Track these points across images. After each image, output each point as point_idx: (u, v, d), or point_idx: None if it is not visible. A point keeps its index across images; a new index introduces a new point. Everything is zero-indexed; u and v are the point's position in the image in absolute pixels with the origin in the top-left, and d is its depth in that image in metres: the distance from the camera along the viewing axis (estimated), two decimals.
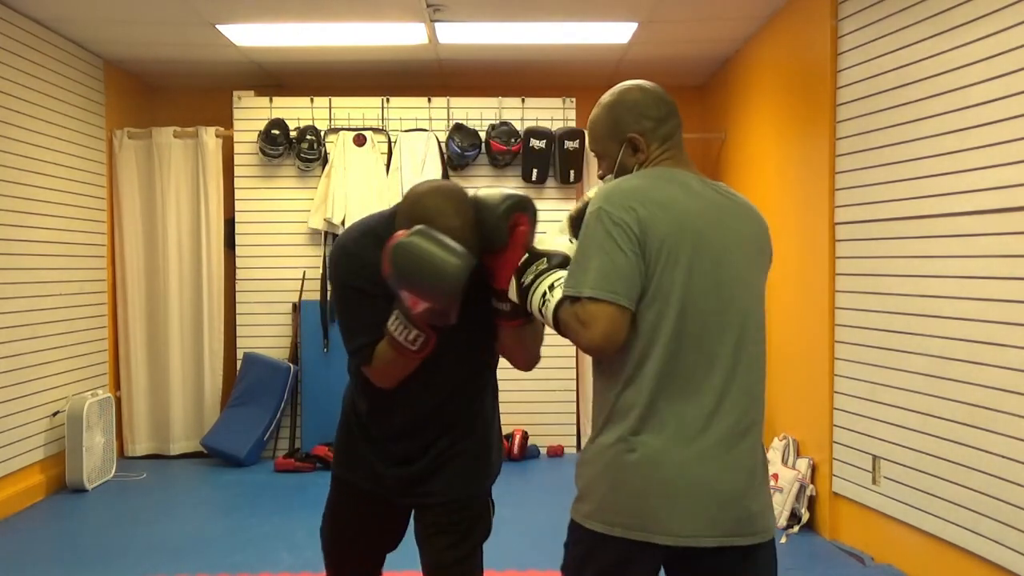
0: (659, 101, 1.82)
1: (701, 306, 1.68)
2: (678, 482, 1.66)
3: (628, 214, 1.65)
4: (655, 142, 1.80)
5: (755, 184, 5.44)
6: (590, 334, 1.65)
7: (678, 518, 1.66)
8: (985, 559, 3.18)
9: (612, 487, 1.70)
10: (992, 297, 3.15)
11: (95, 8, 4.75)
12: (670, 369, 1.67)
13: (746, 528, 1.69)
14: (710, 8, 4.89)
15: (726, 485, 1.68)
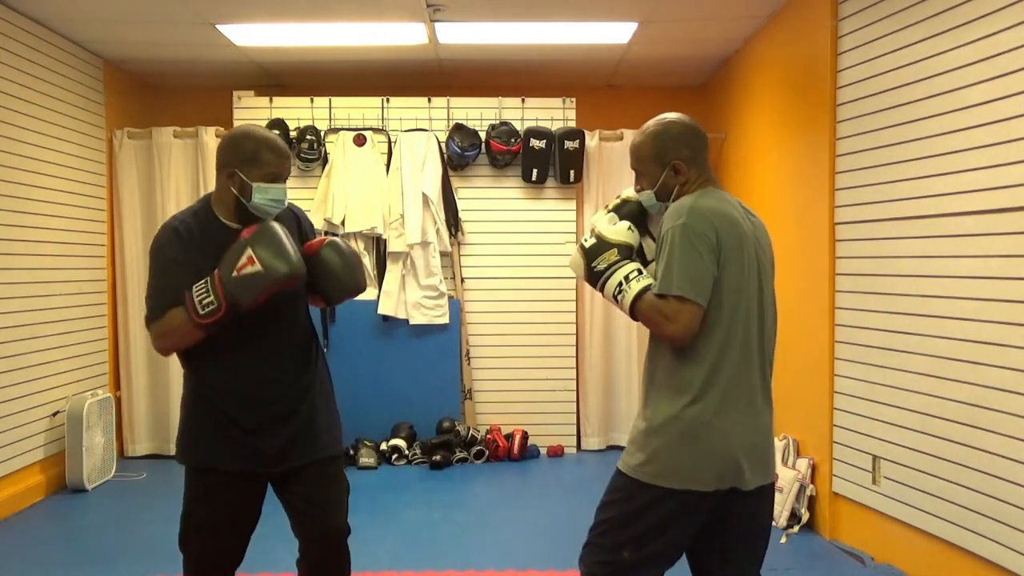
0: (697, 134, 2.22)
1: (749, 306, 2.10)
2: (743, 445, 2.10)
3: (709, 229, 2.05)
4: (694, 168, 2.18)
5: (755, 184, 5.44)
6: (674, 327, 2.03)
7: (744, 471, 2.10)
8: (985, 559, 3.18)
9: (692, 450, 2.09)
10: (992, 297, 3.15)
11: (95, 8, 4.76)
12: (733, 356, 2.07)
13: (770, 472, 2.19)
14: (710, 8, 4.89)
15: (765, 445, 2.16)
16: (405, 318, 5.77)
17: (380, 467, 5.56)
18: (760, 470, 2.14)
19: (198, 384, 2.40)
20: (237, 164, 2.32)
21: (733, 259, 2.06)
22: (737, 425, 2.09)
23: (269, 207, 2.34)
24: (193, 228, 2.36)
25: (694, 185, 2.18)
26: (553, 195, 5.94)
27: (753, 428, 2.12)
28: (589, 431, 6.04)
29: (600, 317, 6.02)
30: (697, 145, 2.20)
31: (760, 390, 2.14)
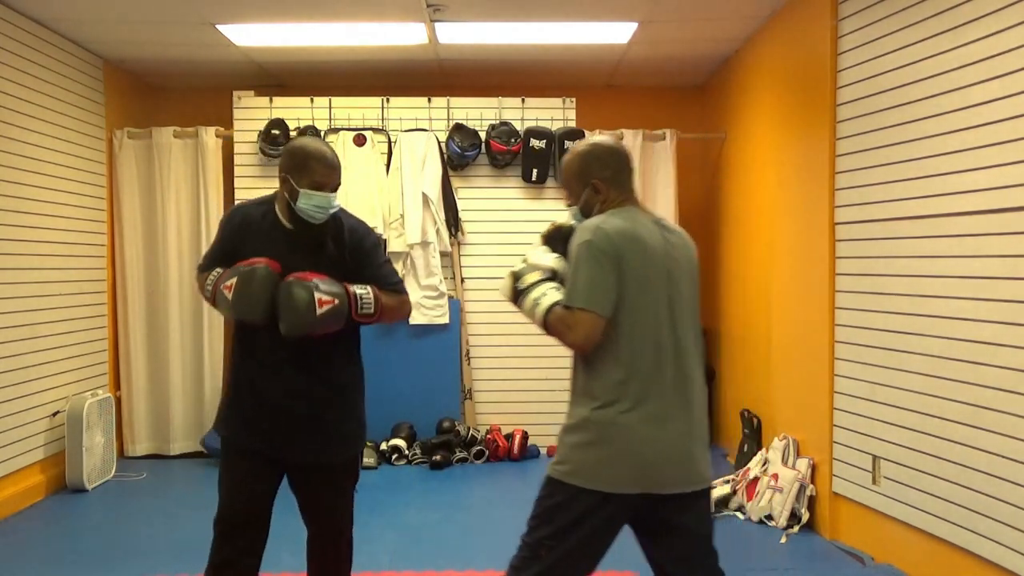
0: (618, 156, 2.34)
1: (658, 316, 2.20)
2: (652, 451, 2.19)
3: (609, 246, 2.16)
4: (613, 188, 2.31)
5: (755, 184, 5.44)
6: (574, 335, 2.18)
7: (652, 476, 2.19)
8: (985, 559, 3.18)
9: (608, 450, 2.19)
10: (992, 297, 3.15)
11: (95, 8, 4.76)
12: (643, 363, 2.17)
13: (694, 479, 2.24)
14: (710, 8, 4.89)
15: (682, 452, 2.22)
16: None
17: (380, 467, 5.56)
18: (679, 476, 2.21)
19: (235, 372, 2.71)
20: (289, 170, 2.56)
21: (637, 273, 2.17)
22: (647, 430, 2.17)
23: (314, 212, 2.54)
24: (253, 216, 2.65)
25: (613, 204, 2.30)
26: (553, 195, 5.94)
27: (665, 434, 2.19)
28: None
29: None
30: (617, 166, 2.32)
31: (676, 397, 2.22)
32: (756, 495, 4.48)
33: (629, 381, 2.17)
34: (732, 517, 4.51)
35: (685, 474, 2.22)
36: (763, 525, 4.35)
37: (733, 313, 5.96)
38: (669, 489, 2.19)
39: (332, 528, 2.71)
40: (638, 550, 4.12)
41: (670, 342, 2.21)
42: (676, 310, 2.23)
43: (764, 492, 4.43)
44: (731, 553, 4.03)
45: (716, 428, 6.36)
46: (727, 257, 6.10)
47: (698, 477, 2.25)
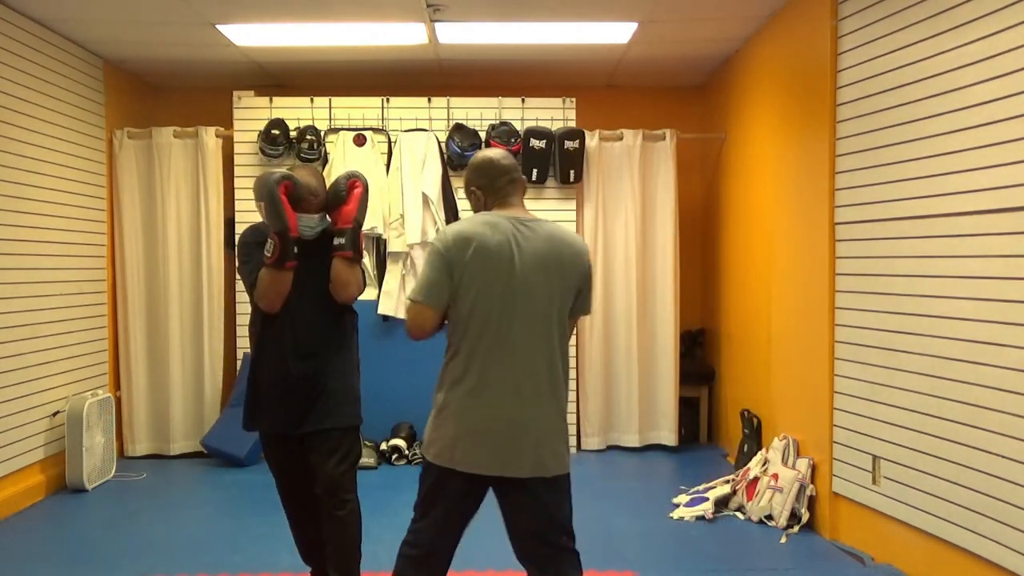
0: (492, 165, 2.55)
1: (491, 307, 2.40)
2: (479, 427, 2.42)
3: (445, 247, 2.42)
4: (489, 195, 2.54)
5: (755, 184, 5.44)
6: (408, 323, 2.50)
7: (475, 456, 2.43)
8: (985, 559, 3.19)
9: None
10: (992, 297, 3.15)
11: (95, 8, 4.76)
12: (474, 350, 2.41)
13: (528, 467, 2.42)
14: (710, 8, 4.89)
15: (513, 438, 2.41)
16: (405, 318, 5.76)
17: (380, 467, 5.56)
18: (508, 461, 2.41)
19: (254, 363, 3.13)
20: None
21: (473, 272, 2.39)
22: (475, 414, 2.41)
23: (303, 231, 3.00)
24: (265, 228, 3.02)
25: (491, 209, 2.55)
26: (553, 195, 5.94)
27: (496, 419, 2.41)
28: (589, 431, 6.04)
29: (600, 317, 6.02)
30: (491, 175, 2.54)
31: (515, 386, 2.41)
32: (756, 495, 4.48)
33: (467, 369, 2.42)
34: (732, 517, 4.51)
35: (516, 461, 2.41)
36: (763, 525, 4.35)
37: (733, 313, 5.97)
38: (495, 472, 2.41)
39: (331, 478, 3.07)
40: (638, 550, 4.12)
41: (509, 331, 2.40)
42: (518, 302, 2.40)
43: (764, 492, 4.43)
44: (731, 553, 4.05)
45: (716, 428, 6.36)
46: (727, 257, 6.10)
47: (532, 464, 2.42)
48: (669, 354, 6.02)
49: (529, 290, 2.42)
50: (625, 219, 6.02)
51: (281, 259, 2.88)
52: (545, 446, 2.45)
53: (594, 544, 4.06)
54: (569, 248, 2.52)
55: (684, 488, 4.91)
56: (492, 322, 2.40)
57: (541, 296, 2.44)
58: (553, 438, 2.48)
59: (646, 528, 4.35)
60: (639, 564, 3.79)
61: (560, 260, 2.48)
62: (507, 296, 2.40)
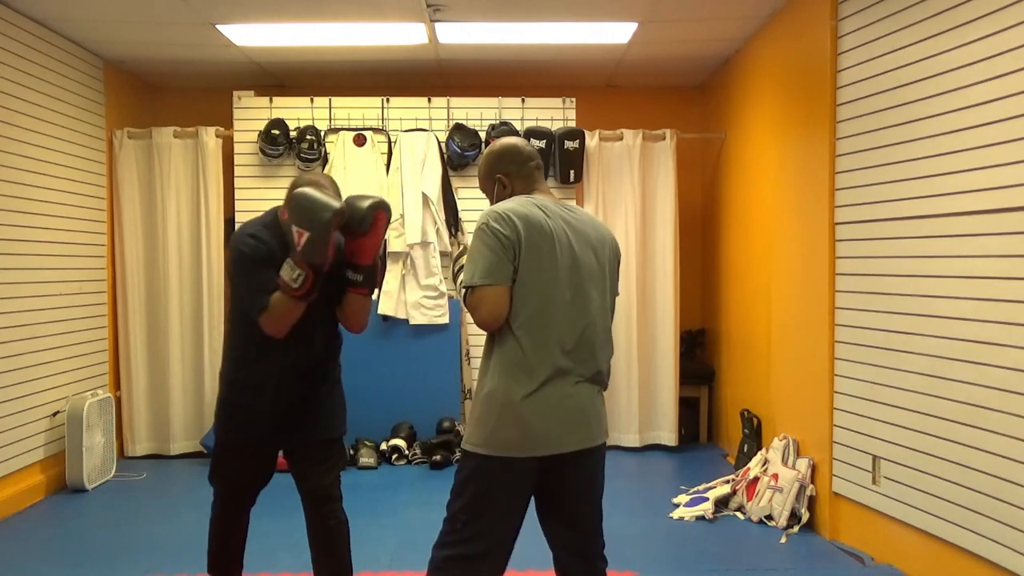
0: (519, 152, 2.50)
1: (557, 288, 2.31)
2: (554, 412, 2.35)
3: (503, 226, 2.28)
4: (517, 181, 2.47)
5: (755, 184, 5.44)
6: (477, 315, 2.29)
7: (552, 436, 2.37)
8: (985, 559, 3.18)
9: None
10: (992, 297, 3.15)
11: (95, 8, 4.76)
12: (540, 341, 2.29)
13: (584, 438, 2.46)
14: (710, 8, 4.89)
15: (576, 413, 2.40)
16: (405, 318, 5.77)
17: (380, 467, 5.56)
18: (573, 437, 2.41)
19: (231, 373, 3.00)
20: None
21: (531, 251, 2.28)
22: (539, 401, 2.31)
23: None
24: (272, 241, 2.80)
25: (518, 196, 2.44)
26: (553, 195, 5.93)
27: (561, 405, 2.35)
28: None
29: None
30: (518, 160, 2.48)
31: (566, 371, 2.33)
32: (756, 495, 4.48)
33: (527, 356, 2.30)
34: (732, 517, 4.51)
35: (576, 434, 2.43)
36: (763, 525, 4.35)
37: (733, 313, 5.96)
38: (559, 449, 2.37)
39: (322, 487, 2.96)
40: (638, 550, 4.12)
41: (574, 315, 2.34)
42: (579, 282, 2.35)
43: (764, 492, 4.43)
44: (731, 553, 4.05)
45: (716, 428, 6.36)
46: (727, 257, 6.10)
47: (588, 436, 2.49)
48: (669, 354, 6.02)
49: (588, 270, 2.38)
50: (625, 219, 6.02)
51: (310, 294, 2.67)
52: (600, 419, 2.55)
53: None
54: (607, 230, 2.54)
55: (684, 488, 4.91)
56: (556, 306, 2.31)
57: (599, 275, 2.42)
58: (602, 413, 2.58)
59: (646, 528, 4.35)
60: (639, 564, 3.79)
61: (603, 241, 2.47)
62: (569, 277, 2.33)
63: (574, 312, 2.33)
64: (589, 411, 2.44)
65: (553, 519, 2.49)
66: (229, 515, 3.07)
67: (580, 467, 2.46)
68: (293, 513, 4.54)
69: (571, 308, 2.33)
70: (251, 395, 2.90)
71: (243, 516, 3.12)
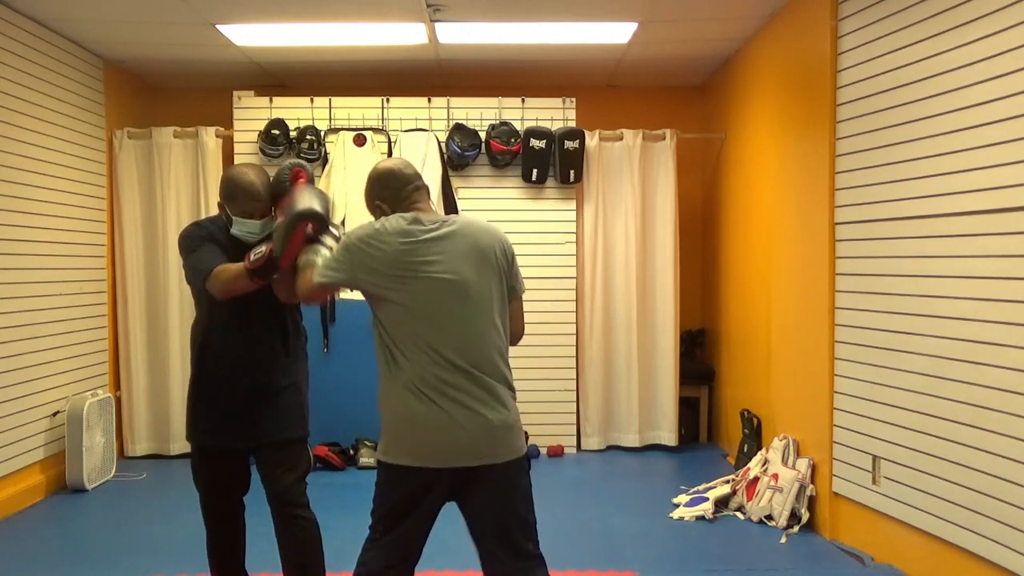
0: (393, 176, 2.55)
1: (425, 300, 2.36)
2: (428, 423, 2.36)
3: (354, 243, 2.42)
4: (394, 203, 2.52)
5: (755, 184, 5.44)
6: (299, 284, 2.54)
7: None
8: (985, 559, 3.18)
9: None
10: (992, 297, 3.15)
11: (95, 8, 4.76)
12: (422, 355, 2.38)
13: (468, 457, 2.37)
14: (710, 8, 4.89)
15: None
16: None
17: None
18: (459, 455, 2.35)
19: (197, 375, 2.98)
20: (223, 198, 2.91)
21: (379, 267, 2.38)
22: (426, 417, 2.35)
23: (245, 237, 2.85)
24: (211, 230, 2.93)
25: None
26: (553, 195, 5.94)
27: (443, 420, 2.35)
28: (589, 431, 6.04)
29: (600, 317, 6.02)
30: (395, 186, 2.53)
31: (452, 384, 2.33)
32: (756, 495, 4.48)
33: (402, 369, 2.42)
34: (732, 517, 4.51)
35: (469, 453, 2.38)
36: (763, 525, 4.35)
37: (733, 313, 5.96)
38: (450, 464, 2.37)
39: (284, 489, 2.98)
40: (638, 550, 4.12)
41: (448, 321, 2.37)
42: (444, 290, 2.37)
43: (764, 492, 4.43)
44: (731, 553, 4.05)
45: (716, 428, 6.36)
46: (727, 257, 6.10)
47: (474, 455, 2.38)
48: (669, 354, 6.02)
49: (462, 280, 2.38)
50: (625, 219, 6.02)
51: (259, 272, 2.67)
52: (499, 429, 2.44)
53: (594, 544, 4.07)
54: (490, 236, 2.49)
55: (684, 488, 4.91)
56: (429, 315, 2.36)
57: (472, 285, 2.39)
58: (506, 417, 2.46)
59: (646, 528, 4.35)
60: (639, 564, 3.79)
61: (485, 247, 2.45)
62: (442, 287, 2.36)
63: (454, 324, 2.36)
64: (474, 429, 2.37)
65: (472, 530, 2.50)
66: (212, 524, 3.07)
67: (479, 482, 2.40)
68: None
69: (451, 328, 2.36)
70: (203, 392, 2.95)
71: (229, 527, 3.10)
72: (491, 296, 2.43)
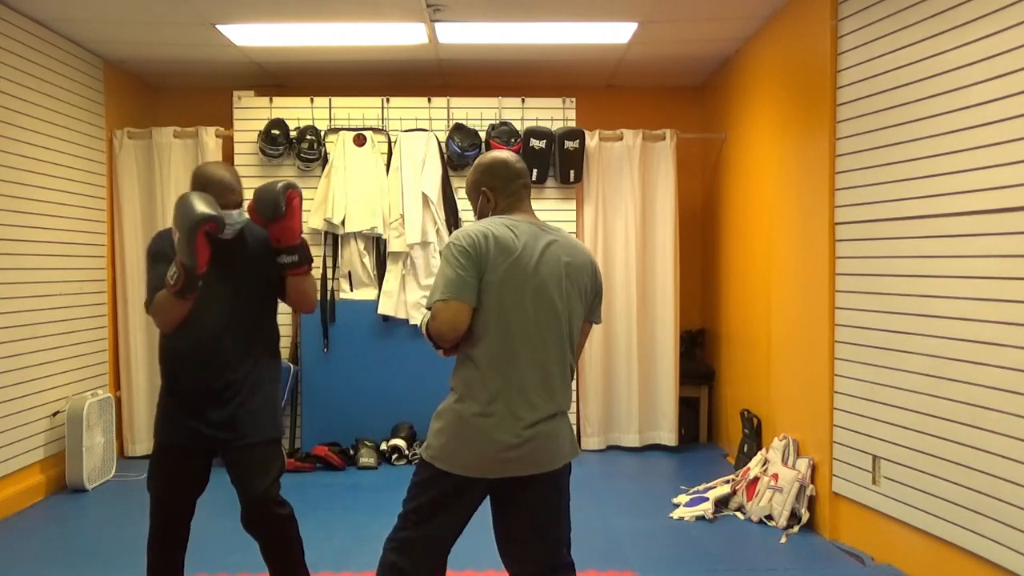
0: (506, 167, 2.50)
1: (513, 309, 2.33)
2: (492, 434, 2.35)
3: (469, 244, 2.33)
4: (501, 196, 2.48)
5: (755, 184, 5.44)
6: (435, 323, 2.30)
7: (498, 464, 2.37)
8: (985, 559, 3.19)
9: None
10: (992, 297, 3.15)
11: (95, 8, 4.76)
12: (504, 366, 2.34)
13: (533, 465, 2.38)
14: (710, 8, 4.89)
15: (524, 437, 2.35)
16: (405, 318, 5.77)
17: (380, 467, 5.56)
18: (524, 462, 2.36)
19: (164, 375, 2.98)
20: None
21: (497, 273, 2.32)
22: (495, 425, 2.33)
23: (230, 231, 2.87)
24: (164, 243, 2.93)
25: (501, 211, 2.48)
26: (553, 195, 5.94)
27: (514, 428, 2.34)
28: (589, 431, 6.04)
29: None
30: (505, 177, 2.48)
31: (533, 393, 2.36)
32: (756, 495, 4.48)
33: (486, 380, 2.35)
34: (732, 517, 4.51)
35: (532, 461, 2.38)
36: (763, 525, 4.35)
37: (733, 313, 5.97)
38: (516, 473, 2.37)
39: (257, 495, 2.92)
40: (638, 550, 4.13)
41: (529, 336, 2.35)
42: (537, 305, 2.36)
43: (764, 492, 4.43)
44: (731, 553, 4.05)
45: (716, 428, 6.36)
46: (727, 257, 6.10)
47: (544, 462, 2.40)
48: (669, 354, 6.02)
49: (547, 294, 2.37)
50: (625, 219, 6.02)
51: (183, 291, 2.70)
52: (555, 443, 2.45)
53: (594, 544, 4.06)
54: (583, 256, 2.50)
55: (684, 488, 4.91)
56: (513, 326, 2.34)
57: (560, 300, 2.40)
58: (565, 437, 2.48)
59: (646, 528, 4.35)
60: (639, 564, 3.79)
61: (578, 267, 2.46)
62: (528, 300, 2.35)
63: (534, 343, 2.36)
64: (539, 438, 2.39)
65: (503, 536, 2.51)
66: (161, 525, 3.00)
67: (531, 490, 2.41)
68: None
69: (532, 338, 2.36)
70: (167, 391, 2.95)
71: (178, 529, 3.03)
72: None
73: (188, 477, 2.96)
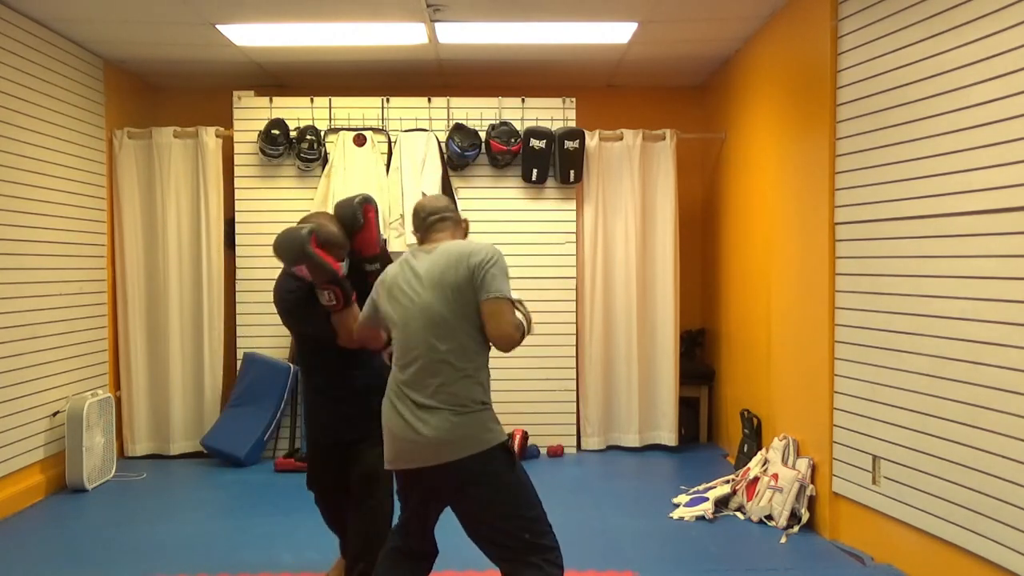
0: (417, 211, 2.90)
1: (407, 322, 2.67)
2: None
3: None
4: (419, 233, 2.89)
5: (755, 184, 5.44)
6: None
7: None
8: (985, 559, 3.19)
9: None
10: (992, 297, 3.15)
11: (95, 8, 4.76)
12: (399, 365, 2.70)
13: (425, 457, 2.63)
14: (710, 8, 4.89)
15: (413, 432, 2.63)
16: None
17: None
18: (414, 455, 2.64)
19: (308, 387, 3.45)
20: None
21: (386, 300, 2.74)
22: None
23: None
24: (293, 283, 3.24)
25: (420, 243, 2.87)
26: (553, 195, 5.94)
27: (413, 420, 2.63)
28: (589, 431, 6.04)
29: (600, 317, 6.02)
30: (418, 218, 2.89)
31: (405, 396, 2.64)
32: (756, 495, 4.48)
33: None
34: (732, 517, 4.51)
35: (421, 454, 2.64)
36: (763, 525, 4.35)
37: (733, 313, 5.97)
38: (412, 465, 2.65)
39: (359, 473, 3.24)
40: (638, 550, 4.12)
41: (417, 344, 2.65)
42: (417, 315, 2.65)
43: (764, 492, 4.43)
44: (731, 553, 4.05)
45: (716, 428, 6.36)
46: (727, 257, 6.10)
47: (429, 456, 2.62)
48: (669, 354, 6.02)
49: (424, 304, 2.64)
50: (625, 219, 6.02)
51: (347, 300, 3.00)
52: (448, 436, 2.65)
53: (594, 544, 4.07)
54: (456, 258, 2.70)
55: (684, 488, 4.91)
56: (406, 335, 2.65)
57: (435, 307, 2.64)
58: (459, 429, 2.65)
59: (646, 528, 4.35)
60: (639, 564, 3.79)
61: (444, 273, 2.67)
62: (412, 313, 2.66)
63: (413, 343, 2.64)
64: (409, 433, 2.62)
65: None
66: (319, 503, 3.48)
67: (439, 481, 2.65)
68: (292, 513, 4.57)
69: (412, 340, 2.64)
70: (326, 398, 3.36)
71: (329, 509, 3.46)
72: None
73: (321, 466, 3.42)
